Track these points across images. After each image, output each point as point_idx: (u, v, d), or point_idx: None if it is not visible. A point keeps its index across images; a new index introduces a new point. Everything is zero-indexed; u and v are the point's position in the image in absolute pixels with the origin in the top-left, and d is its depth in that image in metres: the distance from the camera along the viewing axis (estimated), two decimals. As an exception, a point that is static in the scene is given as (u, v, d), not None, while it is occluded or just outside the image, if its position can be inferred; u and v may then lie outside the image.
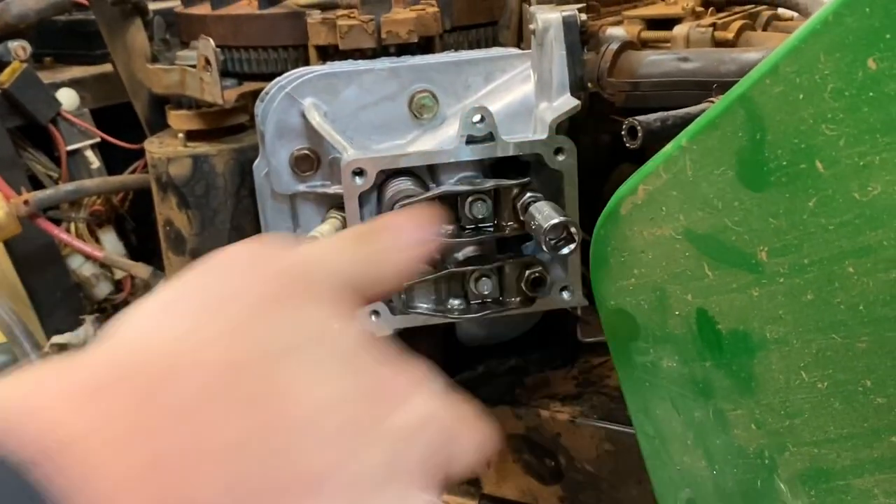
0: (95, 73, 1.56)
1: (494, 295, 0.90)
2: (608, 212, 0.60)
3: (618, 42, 0.92)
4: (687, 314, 0.59)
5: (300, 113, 0.96)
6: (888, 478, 0.55)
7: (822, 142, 0.49)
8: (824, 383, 0.55)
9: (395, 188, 0.88)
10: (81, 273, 1.50)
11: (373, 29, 1.02)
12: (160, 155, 1.10)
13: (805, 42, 0.48)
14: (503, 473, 1.04)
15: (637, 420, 0.66)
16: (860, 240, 0.50)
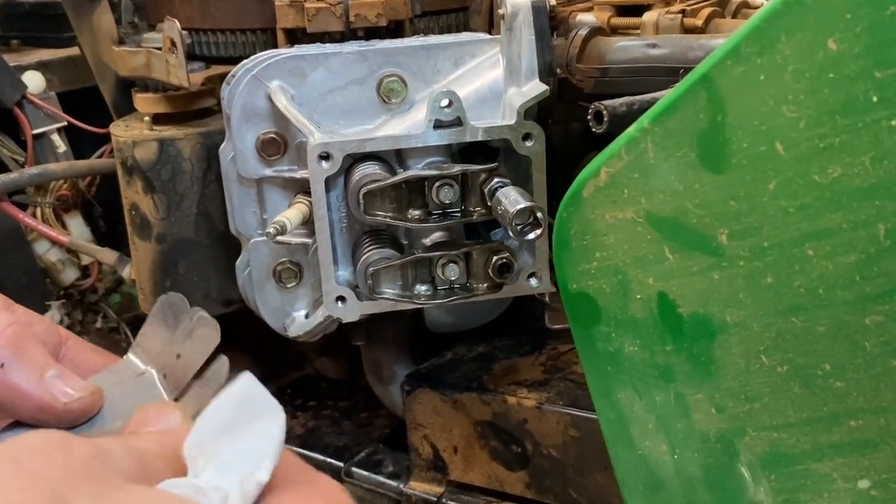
0: (62, 56, 1.53)
1: (461, 281, 0.90)
2: (571, 194, 0.60)
3: (587, 28, 0.92)
4: (648, 298, 0.58)
5: (267, 96, 0.95)
6: (847, 462, 0.55)
7: (783, 123, 0.49)
8: (784, 367, 0.55)
9: (362, 173, 0.87)
10: (47, 258, 1.48)
11: (341, 12, 1.01)
12: (126, 138, 1.08)
13: (766, 22, 0.48)
14: (469, 460, 1.04)
15: (599, 404, 0.66)
16: (820, 223, 0.50)
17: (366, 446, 1.18)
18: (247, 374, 0.37)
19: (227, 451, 0.36)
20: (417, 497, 1.08)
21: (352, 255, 0.92)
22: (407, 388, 1.07)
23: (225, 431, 0.36)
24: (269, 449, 0.37)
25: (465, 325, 1.11)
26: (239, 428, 0.36)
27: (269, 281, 1.01)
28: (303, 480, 0.41)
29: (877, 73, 0.45)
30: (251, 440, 0.36)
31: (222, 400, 0.37)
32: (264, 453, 0.37)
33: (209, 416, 0.37)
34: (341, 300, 0.91)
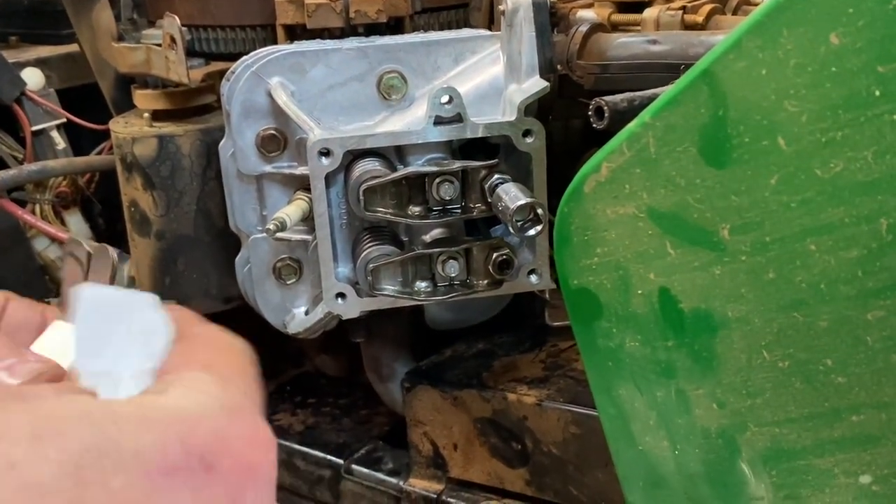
0: (62, 52, 1.53)
1: (461, 277, 0.90)
2: (572, 190, 0.60)
3: (587, 24, 0.92)
4: (649, 293, 0.58)
5: (267, 92, 0.94)
6: (848, 457, 0.55)
7: (785, 118, 0.49)
8: (785, 362, 0.54)
9: (362, 169, 0.87)
10: (46, 255, 1.47)
11: (341, 8, 1.01)
12: (125, 135, 1.08)
13: (768, 17, 0.48)
14: (469, 457, 1.03)
15: (600, 400, 0.66)
16: (822, 217, 0.49)
17: (365, 443, 1.18)
18: (84, 287, 0.36)
19: (112, 351, 0.36)
20: (417, 494, 1.08)
21: (352, 252, 0.92)
22: (407, 385, 1.06)
23: (102, 337, 0.36)
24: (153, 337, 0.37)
25: (465, 322, 1.11)
26: (112, 331, 0.36)
27: (268, 278, 1.01)
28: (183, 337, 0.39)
29: (879, 67, 0.45)
30: (130, 336, 0.36)
31: (83, 313, 0.36)
32: (150, 343, 0.37)
33: (81, 329, 0.36)
34: (341, 297, 0.91)
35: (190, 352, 0.38)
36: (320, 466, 1.17)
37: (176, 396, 0.35)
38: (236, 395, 0.37)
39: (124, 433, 0.32)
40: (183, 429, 0.34)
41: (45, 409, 0.32)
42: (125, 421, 0.33)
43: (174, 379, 0.36)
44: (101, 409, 0.33)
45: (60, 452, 0.31)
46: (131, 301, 0.36)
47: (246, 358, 0.40)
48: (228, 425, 0.35)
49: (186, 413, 0.34)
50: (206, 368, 0.37)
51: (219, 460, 0.34)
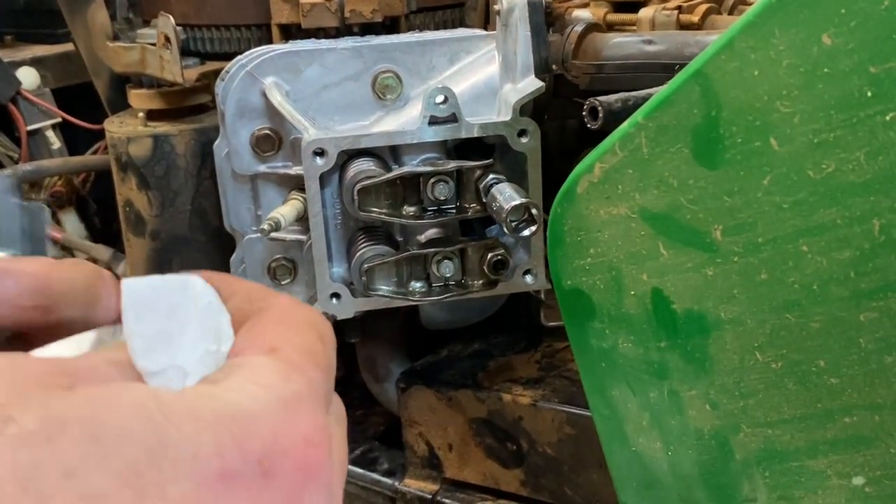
0: (57, 52, 1.53)
1: (456, 277, 0.89)
2: (565, 190, 0.60)
3: (583, 24, 0.92)
4: (642, 294, 0.58)
5: (261, 92, 0.94)
6: (841, 459, 0.55)
7: (777, 119, 0.48)
8: (778, 363, 0.54)
9: (357, 169, 0.87)
10: (42, 255, 1.47)
11: (336, 8, 1.01)
12: (120, 134, 1.08)
13: (760, 17, 0.47)
14: (465, 457, 1.03)
15: (593, 401, 0.66)
16: (814, 218, 0.49)
17: (361, 444, 1.18)
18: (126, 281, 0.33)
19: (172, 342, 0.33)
20: (412, 495, 1.07)
21: (346, 252, 0.92)
22: (402, 386, 1.06)
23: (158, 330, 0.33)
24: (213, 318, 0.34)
25: (460, 323, 1.11)
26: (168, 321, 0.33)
27: (263, 278, 1.01)
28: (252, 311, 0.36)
29: (871, 68, 0.45)
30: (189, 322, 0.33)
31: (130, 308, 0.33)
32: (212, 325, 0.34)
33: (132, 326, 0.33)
34: (336, 297, 0.91)
35: (257, 331, 0.35)
36: (316, 467, 1.17)
37: (231, 388, 0.32)
38: (298, 385, 0.34)
39: (182, 433, 0.30)
40: (238, 429, 0.31)
41: (99, 402, 0.30)
42: (182, 418, 0.30)
43: (235, 366, 0.34)
44: (156, 402, 0.31)
45: (119, 458, 0.29)
46: (181, 285, 0.34)
47: (317, 334, 0.37)
48: (285, 423, 0.33)
49: (241, 410, 0.32)
50: (272, 352, 0.35)
51: (276, 464, 0.32)
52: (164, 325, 0.33)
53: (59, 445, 0.28)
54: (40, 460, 0.28)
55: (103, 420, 0.29)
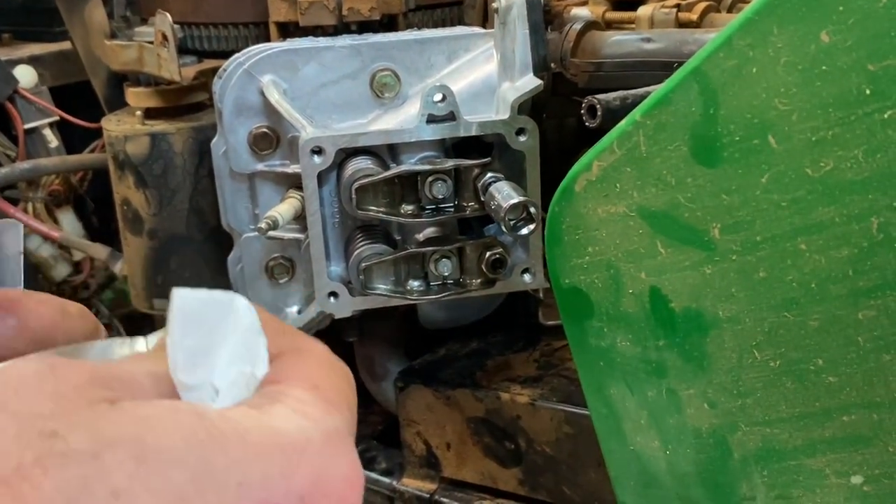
0: (54, 50, 1.52)
1: (454, 276, 0.89)
2: (563, 188, 0.60)
3: (581, 22, 0.91)
4: (640, 293, 0.58)
5: (259, 90, 0.94)
6: (839, 457, 0.55)
7: (775, 116, 0.48)
8: (776, 362, 0.54)
9: (355, 167, 0.87)
10: (39, 254, 1.47)
11: (334, 6, 1.00)
12: (117, 133, 1.08)
13: (758, 14, 0.47)
14: (463, 457, 1.03)
15: (591, 400, 0.66)
16: (812, 216, 0.49)
17: (359, 443, 1.18)
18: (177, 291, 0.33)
19: (211, 358, 0.33)
20: (410, 494, 1.07)
21: (344, 251, 0.92)
22: (400, 385, 1.06)
23: (200, 344, 0.33)
24: (253, 340, 0.34)
25: (458, 321, 1.11)
26: (210, 336, 0.33)
27: (261, 276, 1.00)
28: (291, 349, 0.36)
29: (869, 65, 0.45)
30: (229, 341, 0.33)
31: (178, 319, 0.33)
32: (250, 347, 0.34)
33: (177, 337, 0.33)
34: (334, 296, 0.91)
35: (297, 366, 0.35)
36: (313, 466, 1.17)
37: (278, 416, 0.32)
38: (338, 423, 0.34)
39: (229, 458, 0.29)
40: (285, 462, 0.31)
41: (147, 423, 0.29)
42: (229, 444, 0.30)
43: (278, 393, 0.33)
44: (204, 426, 0.30)
45: (166, 482, 0.28)
46: (227, 303, 0.33)
47: (350, 382, 0.37)
48: (329, 462, 0.32)
49: (288, 441, 0.31)
50: (313, 389, 0.34)
51: (316, 501, 0.31)
52: (206, 340, 0.33)
53: (106, 465, 0.28)
54: (88, 479, 0.27)
55: (151, 441, 0.29)
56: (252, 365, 0.33)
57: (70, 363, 0.31)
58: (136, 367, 0.32)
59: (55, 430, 0.28)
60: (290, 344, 0.36)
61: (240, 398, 0.33)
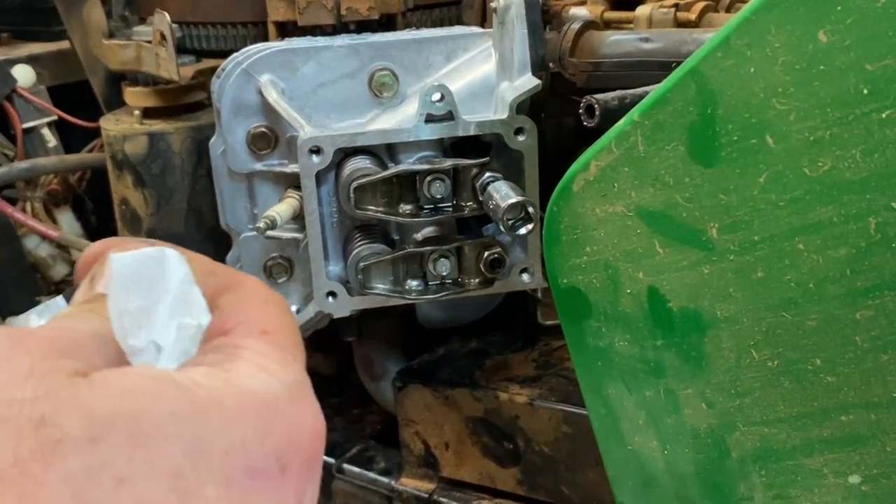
0: (53, 49, 1.52)
1: (453, 276, 0.89)
2: (561, 188, 0.60)
3: (580, 22, 0.91)
4: (638, 292, 0.58)
5: (257, 90, 0.94)
6: (837, 457, 0.55)
7: (773, 116, 0.48)
8: (774, 362, 0.54)
9: (353, 167, 0.87)
10: (38, 253, 1.47)
11: (332, 5, 1.00)
12: (116, 132, 1.08)
13: (756, 14, 0.47)
14: (461, 456, 1.03)
15: (589, 400, 0.65)
16: (810, 216, 0.49)
17: (357, 443, 1.18)
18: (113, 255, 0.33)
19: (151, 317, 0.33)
20: (409, 493, 1.07)
21: (343, 250, 0.92)
22: (398, 385, 1.06)
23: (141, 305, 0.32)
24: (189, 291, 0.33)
25: (456, 321, 1.11)
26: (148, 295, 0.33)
27: (259, 276, 1.00)
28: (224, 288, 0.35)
29: (867, 65, 0.44)
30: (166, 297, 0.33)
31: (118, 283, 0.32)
32: (187, 299, 0.33)
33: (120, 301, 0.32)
34: (332, 295, 0.91)
35: (239, 309, 0.35)
36: (312, 465, 1.17)
37: (244, 376, 0.32)
38: (297, 374, 0.34)
39: (213, 430, 0.30)
40: (260, 424, 0.31)
41: (134, 398, 0.29)
42: (211, 413, 0.30)
43: (233, 347, 0.33)
44: (187, 397, 0.30)
45: (163, 460, 0.28)
46: (159, 258, 0.33)
47: (288, 311, 0.36)
48: (297, 417, 0.32)
49: (259, 402, 0.31)
50: (265, 335, 0.34)
51: (290, 459, 0.32)
52: (146, 299, 0.32)
53: (105, 451, 0.27)
54: (91, 469, 0.27)
55: (143, 419, 0.28)
56: (193, 317, 0.33)
57: (26, 332, 0.30)
58: (80, 329, 0.32)
59: (44, 414, 0.27)
60: (222, 283, 0.35)
61: (186, 352, 0.32)
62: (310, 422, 0.33)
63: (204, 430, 0.29)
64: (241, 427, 0.30)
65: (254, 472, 0.30)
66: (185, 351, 0.32)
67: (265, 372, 0.32)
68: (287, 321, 0.36)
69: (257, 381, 0.32)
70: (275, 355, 0.33)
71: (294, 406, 0.32)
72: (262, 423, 0.31)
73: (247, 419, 0.31)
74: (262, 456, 0.31)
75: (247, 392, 0.31)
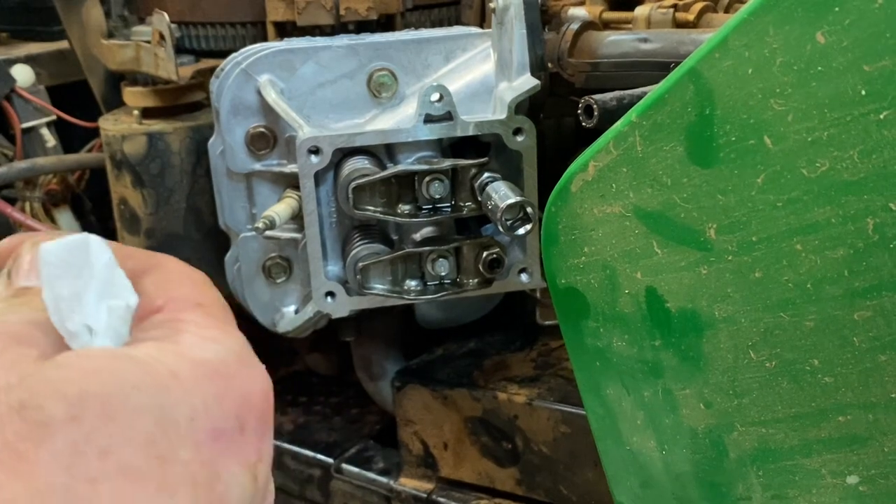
0: (52, 49, 1.52)
1: (451, 276, 0.89)
2: (559, 189, 0.60)
3: (578, 22, 0.91)
4: (636, 293, 0.58)
5: (256, 90, 0.94)
6: (835, 457, 0.55)
7: (771, 117, 0.48)
8: (772, 362, 0.54)
9: (352, 167, 0.87)
10: (37, 253, 1.46)
11: (331, 5, 1.00)
12: (115, 132, 1.08)
13: (754, 15, 0.47)
14: (460, 456, 1.03)
15: (587, 400, 0.66)
16: (808, 217, 0.49)
17: (356, 442, 1.18)
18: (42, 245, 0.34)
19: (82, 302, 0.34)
20: (408, 493, 1.07)
21: (341, 250, 0.92)
22: (397, 385, 1.06)
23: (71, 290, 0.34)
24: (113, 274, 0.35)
25: (455, 321, 1.11)
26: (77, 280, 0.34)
27: (258, 276, 1.00)
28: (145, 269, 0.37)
29: (865, 66, 0.45)
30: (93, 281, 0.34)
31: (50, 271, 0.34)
32: (113, 282, 0.35)
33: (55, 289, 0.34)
34: (331, 295, 0.91)
35: (166, 287, 0.37)
36: (310, 465, 1.17)
37: (193, 347, 0.34)
38: (239, 339, 0.36)
39: (174, 399, 0.32)
40: (216, 389, 0.33)
41: (100, 377, 0.31)
42: (170, 384, 0.32)
43: (174, 322, 0.35)
44: (144, 370, 0.32)
45: (136, 431, 0.30)
46: (84, 243, 0.34)
47: (211, 283, 0.38)
48: (247, 379, 0.35)
49: (212, 368, 0.33)
50: (199, 307, 0.36)
51: (247, 419, 0.34)
52: (75, 285, 0.34)
53: (85, 427, 0.29)
54: (76, 445, 0.29)
55: (113, 395, 0.30)
56: (121, 298, 0.35)
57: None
58: (20, 320, 0.33)
59: (22, 399, 0.29)
60: (141, 265, 0.37)
61: (118, 333, 0.34)
62: (259, 383, 0.35)
63: (166, 399, 0.31)
64: (200, 394, 0.32)
65: (217, 434, 0.32)
66: (117, 331, 0.34)
67: (210, 341, 0.34)
68: (214, 293, 0.38)
69: (207, 350, 0.34)
70: (215, 325, 0.35)
71: (244, 370, 0.35)
72: (218, 388, 0.33)
73: (204, 386, 0.33)
74: (223, 418, 0.33)
75: (199, 361, 0.33)
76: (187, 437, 0.31)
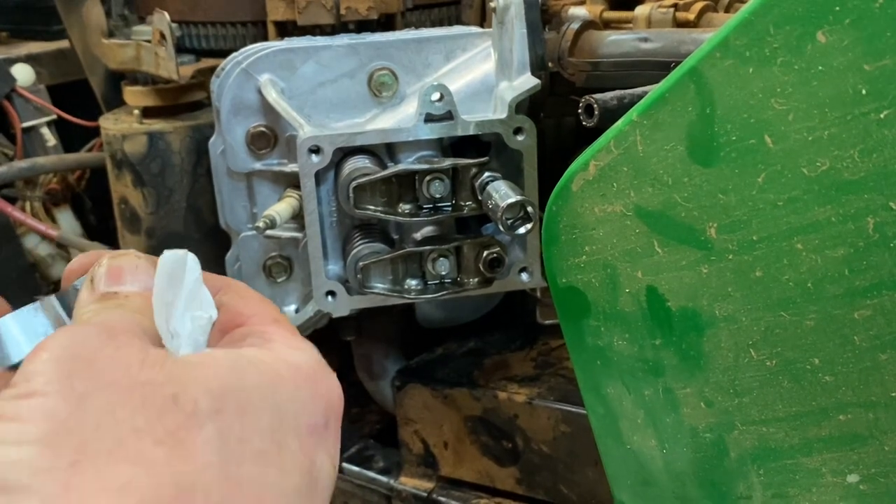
0: (52, 48, 1.52)
1: (452, 275, 0.89)
2: (560, 188, 0.60)
3: (579, 21, 0.91)
4: (637, 292, 0.58)
5: (257, 89, 0.94)
6: (835, 456, 0.55)
7: (772, 116, 0.48)
8: (773, 361, 0.54)
9: (352, 166, 0.87)
10: (37, 253, 1.47)
11: (332, 5, 1.01)
12: (115, 132, 1.08)
13: (755, 14, 0.47)
14: (460, 455, 1.03)
15: (588, 399, 0.66)
16: (808, 216, 0.49)
17: (356, 442, 1.18)
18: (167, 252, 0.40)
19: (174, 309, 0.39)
20: (408, 492, 1.07)
21: (342, 250, 0.92)
22: (397, 384, 1.06)
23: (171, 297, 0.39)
24: (200, 289, 0.40)
25: (456, 321, 1.11)
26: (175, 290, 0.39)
27: (258, 275, 1.00)
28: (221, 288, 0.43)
29: (865, 65, 0.45)
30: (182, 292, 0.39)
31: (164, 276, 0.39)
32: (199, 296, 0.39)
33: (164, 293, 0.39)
34: (331, 295, 0.91)
35: (244, 305, 0.42)
36: (311, 464, 1.17)
37: (285, 352, 0.39)
38: (315, 349, 0.41)
39: (284, 396, 0.37)
40: (310, 390, 0.38)
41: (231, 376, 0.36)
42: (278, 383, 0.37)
43: (261, 333, 0.40)
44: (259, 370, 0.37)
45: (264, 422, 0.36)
46: (183, 258, 0.40)
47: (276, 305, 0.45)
48: (328, 383, 0.40)
49: (304, 372, 0.39)
50: (277, 323, 0.42)
51: (330, 417, 0.39)
52: (173, 294, 0.39)
53: (226, 418, 0.35)
54: (221, 432, 0.34)
55: (243, 392, 0.36)
56: (204, 310, 0.39)
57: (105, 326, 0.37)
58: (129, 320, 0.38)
59: (175, 393, 0.34)
60: (216, 284, 0.43)
61: (197, 341, 0.39)
62: (336, 387, 0.40)
63: (279, 397, 0.37)
64: (299, 393, 0.38)
65: (312, 428, 0.38)
66: (196, 339, 0.39)
67: (297, 350, 0.40)
68: (279, 312, 0.44)
69: (298, 357, 0.39)
70: (295, 337, 0.41)
71: (326, 374, 0.40)
72: (311, 389, 0.39)
73: (301, 386, 0.38)
74: (316, 414, 0.38)
75: (293, 365, 0.39)
76: (293, 430, 0.37)
